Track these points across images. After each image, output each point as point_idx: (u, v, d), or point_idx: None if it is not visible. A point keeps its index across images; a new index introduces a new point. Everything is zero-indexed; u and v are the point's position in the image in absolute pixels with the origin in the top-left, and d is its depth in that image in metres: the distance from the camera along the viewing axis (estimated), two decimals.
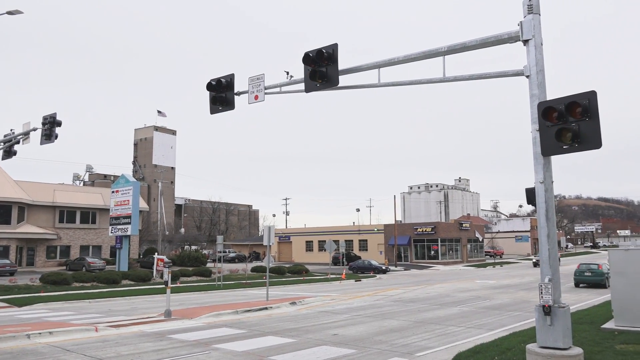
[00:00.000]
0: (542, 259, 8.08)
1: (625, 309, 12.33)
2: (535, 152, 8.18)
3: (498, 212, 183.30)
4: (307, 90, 11.12)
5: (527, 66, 8.39)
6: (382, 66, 10.39)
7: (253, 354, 10.69)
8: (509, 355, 9.44)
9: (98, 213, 53.44)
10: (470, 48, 9.27)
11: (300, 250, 77.08)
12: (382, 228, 70.55)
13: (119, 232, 39.05)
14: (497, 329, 14.05)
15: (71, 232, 51.51)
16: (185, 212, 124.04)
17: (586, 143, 7.53)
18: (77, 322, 15.44)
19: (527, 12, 8.41)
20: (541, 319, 7.90)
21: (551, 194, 8.18)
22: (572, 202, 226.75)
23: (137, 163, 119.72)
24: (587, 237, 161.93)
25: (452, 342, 11.99)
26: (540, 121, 7.92)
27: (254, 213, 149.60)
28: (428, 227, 67.43)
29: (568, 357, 7.65)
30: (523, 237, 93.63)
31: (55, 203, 50.24)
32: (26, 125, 21.44)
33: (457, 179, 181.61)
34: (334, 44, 10.70)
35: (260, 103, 12.36)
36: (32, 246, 48.72)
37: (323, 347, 11.50)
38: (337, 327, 14.57)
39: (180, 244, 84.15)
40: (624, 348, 10.02)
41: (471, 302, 21.24)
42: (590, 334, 11.58)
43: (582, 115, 7.52)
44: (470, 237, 72.49)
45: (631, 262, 12.39)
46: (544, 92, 8.26)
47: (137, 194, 39.64)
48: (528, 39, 8.36)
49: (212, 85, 12.63)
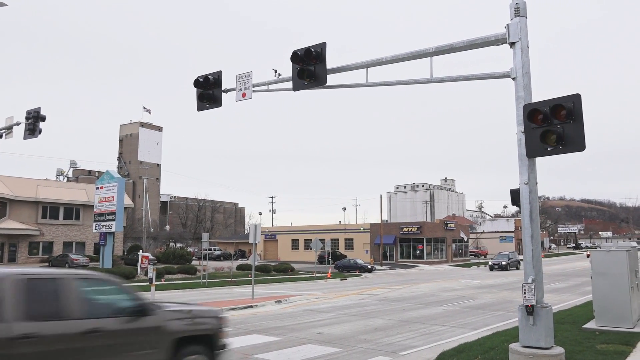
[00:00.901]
0: (526, 259, 8.17)
1: (606, 310, 12.51)
2: (520, 153, 8.26)
3: (483, 212, 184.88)
4: (295, 89, 11.11)
5: (514, 68, 8.47)
6: (370, 66, 10.42)
7: (238, 352, 10.66)
8: (492, 355, 9.54)
9: (82, 209, 52.89)
10: (457, 49, 9.33)
11: (286, 248, 77.03)
12: (368, 227, 70.77)
13: (103, 228, 38.68)
14: (480, 328, 14.18)
15: (54, 228, 50.92)
16: (170, 209, 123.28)
17: (570, 145, 7.62)
18: None
19: (514, 14, 8.48)
20: (524, 318, 7.99)
21: (535, 195, 8.28)
22: (556, 203, 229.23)
23: (122, 159, 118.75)
24: (570, 238, 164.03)
25: (436, 341, 12.07)
26: (526, 123, 8.00)
27: (240, 211, 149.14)
28: (414, 226, 67.79)
29: (550, 356, 7.75)
30: (507, 238, 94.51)
31: (38, 199, 49.62)
32: (9, 119, 21.13)
33: (443, 179, 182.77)
34: (322, 42, 10.70)
35: (248, 101, 12.33)
36: (14, 242, 48.07)
37: (308, 345, 11.52)
38: (322, 325, 14.60)
39: (165, 241, 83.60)
40: (604, 348, 10.18)
41: (455, 302, 21.41)
42: (571, 334, 11.74)
43: (567, 117, 7.61)
44: (455, 237, 73.03)
45: (612, 263, 12.57)
46: (530, 94, 8.35)
47: (122, 190, 39.29)
48: (515, 41, 8.44)
49: (200, 82, 12.56)
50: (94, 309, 6.64)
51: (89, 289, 6.91)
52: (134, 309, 6.95)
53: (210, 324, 8.00)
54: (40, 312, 6.04)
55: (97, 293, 7.03)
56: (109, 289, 7.31)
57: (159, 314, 7.26)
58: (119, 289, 7.33)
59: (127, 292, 7.31)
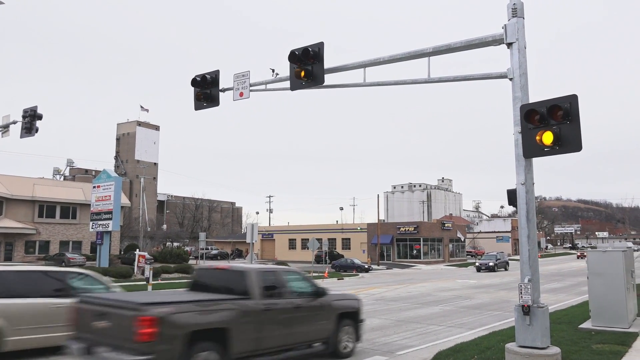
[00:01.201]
0: (522, 259, 8.19)
1: (602, 310, 12.55)
2: (517, 154, 8.28)
3: (480, 212, 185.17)
4: (292, 89, 11.10)
5: (511, 69, 8.49)
6: (367, 66, 10.42)
7: None
8: (489, 354, 9.56)
9: (79, 208, 52.74)
10: (455, 50, 9.35)
11: (283, 248, 77.01)
12: (365, 227, 70.81)
13: (100, 227, 38.60)
14: (477, 328, 14.20)
15: (51, 227, 50.77)
16: (167, 208, 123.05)
17: (567, 146, 7.64)
18: None
19: (511, 15, 8.50)
20: (520, 318, 8.01)
21: (532, 196, 8.29)
22: (553, 203, 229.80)
23: (119, 158, 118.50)
24: (566, 238, 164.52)
25: (433, 340, 12.09)
26: (523, 123, 8.01)
27: (237, 210, 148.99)
28: (411, 226, 67.85)
29: (546, 356, 7.77)
30: (504, 238, 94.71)
31: (35, 197, 49.46)
32: (6, 118, 21.08)
33: (440, 179, 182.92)
34: (320, 42, 10.70)
35: (246, 100, 12.32)
36: (10, 241, 47.92)
37: None
38: None
39: (162, 240, 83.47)
40: (600, 347, 10.21)
41: (452, 302, 21.44)
42: (568, 334, 11.77)
43: (564, 118, 7.63)
44: (452, 237, 73.12)
45: (608, 263, 12.60)
46: (527, 94, 8.37)
47: (118, 189, 39.21)
48: (512, 41, 8.45)
49: (197, 81, 12.54)
50: (295, 292, 9.79)
51: (290, 278, 10.08)
52: (315, 291, 10.13)
53: (355, 305, 11.00)
54: (270, 293, 9.17)
55: (294, 281, 10.12)
56: (298, 277, 10.45)
57: (330, 295, 10.36)
58: (304, 279, 10.54)
59: (309, 280, 10.61)
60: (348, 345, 10.42)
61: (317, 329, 9.87)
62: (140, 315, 6.99)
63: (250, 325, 8.42)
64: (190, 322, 7.46)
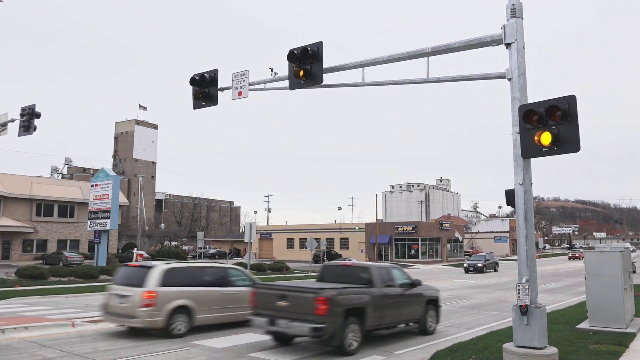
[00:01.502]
0: (520, 259, 8.21)
1: (599, 310, 12.58)
2: (516, 154, 8.29)
3: (478, 212, 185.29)
4: (291, 88, 11.10)
5: (509, 69, 8.50)
6: (366, 65, 10.42)
7: (233, 351, 10.66)
8: (486, 354, 9.56)
9: (76, 207, 52.71)
10: (453, 50, 9.35)
11: (281, 247, 76.99)
12: (363, 226, 70.84)
13: (98, 226, 38.54)
14: (475, 327, 14.22)
15: (48, 226, 50.72)
16: (165, 207, 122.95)
17: (565, 146, 7.65)
18: (54, 317, 15.22)
19: (510, 15, 8.51)
20: (518, 318, 8.02)
21: (530, 196, 8.31)
22: (551, 204, 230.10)
23: (118, 157, 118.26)
24: (564, 239, 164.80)
25: (430, 340, 12.10)
26: (521, 124, 8.03)
27: (236, 209, 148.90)
28: (409, 226, 67.89)
29: (543, 356, 7.78)
30: (502, 238, 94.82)
31: (33, 196, 49.40)
32: (3, 116, 21.03)
33: (438, 179, 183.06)
34: (318, 42, 10.70)
35: (244, 99, 12.33)
36: (7, 239, 47.86)
37: (302, 344, 11.52)
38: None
39: (160, 239, 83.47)
40: (597, 348, 10.23)
41: (450, 302, 21.45)
42: (565, 334, 11.78)
43: (562, 118, 7.64)
44: (450, 237, 73.20)
45: (606, 263, 12.62)
46: (525, 95, 8.38)
47: (116, 188, 39.15)
48: (510, 42, 8.47)
49: (196, 80, 12.53)
50: (399, 283, 12.48)
51: (396, 273, 12.81)
52: (412, 282, 12.93)
53: (436, 294, 13.79)
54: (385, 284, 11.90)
55: (398, 275, 12.84)
56: (401, 272, 13.15)
57: (422, 285, 13.30)
58: (402, 272, 13.24)
59: (405, 273, 13.34)
60: (432, 325, 13.25)
61: (413, 311, 12.62)
62: (318, 296, 9.96)
63: (375, 306, 11.16)
64: (345, 302, 10.42)
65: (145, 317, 11.70)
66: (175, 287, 12.34)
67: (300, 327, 9.98)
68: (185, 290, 12.46)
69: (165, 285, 12.15)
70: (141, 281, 12.06)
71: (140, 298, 11.75)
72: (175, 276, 12.61)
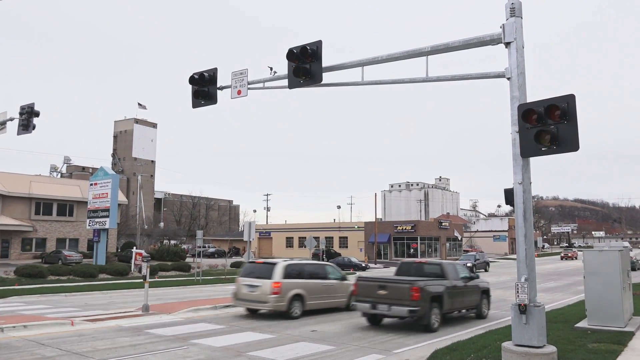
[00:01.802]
0: (519, 258, 8.22)
1: (598, 309, 12.60)
2: (515, 153, 8.30)
3: (477, 211, 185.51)
4: (290, 87, 11.10)
5: (509, 68, 8.50)
6: (366, 64, 10.42)
7: (232, 350, 10.67)
8: (485, 353, 9.58)
9: (75, 205, 52.67)
10: (453, 49, 9.35)
11: (280, 246, 77.02)
12: (362, 225, 70.87)
13: (97, 225, 38.54)
14: (474, 327, 14.23)
15: (47, 225, 50.69)
16: (164, 206, 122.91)
17: (564, 145, 7.65)
18: (53, 315, 15.23)
19: (509, 14, 8.51)
20: (517, 317, 8.03)
21: (529, 195, 8.32)
22: (550, 203, 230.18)
23: (117, 156, 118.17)
24: (563, 238, 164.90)
25: (429, 339, 12.12)
26: (520, 123, 8.03)
27: (235, 208, 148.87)
28: (408, 225, 67.94)
29: (542, 355, 7.80)
30: (501, 237, 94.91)
31: (32, 194, 49.37)
32: (3, 114, 20.99)
33: (437, 178, 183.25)
34: (318, 40, 10.69)
35: (244, 98, 12.32)
36: (6, 238, 47.84)
37: (302, 343, 11.53)
38: (316, 323, 14.61)
39: (159, 238, 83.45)
40: (596, 347, 10.25)
41: None
42: (564, 333, 11.81)
43: (561, 118, 7.64)
44: (450, 236, 73.27)
45: (605, 262, 12.64)
46: (525, 94, 8.38)
47: (116, 187, 39.15)
48: (510, 41, 8.47)
49: (195, 79, 12.52)
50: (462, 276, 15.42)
51: (459, 268, 15.78)
52: (471, 276, 15.97)
53: (488, 286, 16.91)
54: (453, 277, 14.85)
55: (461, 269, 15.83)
56: (462, 267, 16.21)
57: (478, 278, 16.55)
58: (466, 268, 16.77)
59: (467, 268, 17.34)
60: (485, 311, 16.41)
61: (472, 299, 15.61)
62: (413, 286, 13.13)
63: (449, 294, 14.12)
64: (431, 291, 13.49)
65: (273, 302, 14.96)
66: (293, 279, 15.57)
67: (399, 310, 12.96)
68: (299, 282, 15.73)
69: (286, 277, 15.36)
70: (269, 274, 15.24)
71: (270, 287, 14.97)
72: (292, 270, 15.78)
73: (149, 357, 9.89)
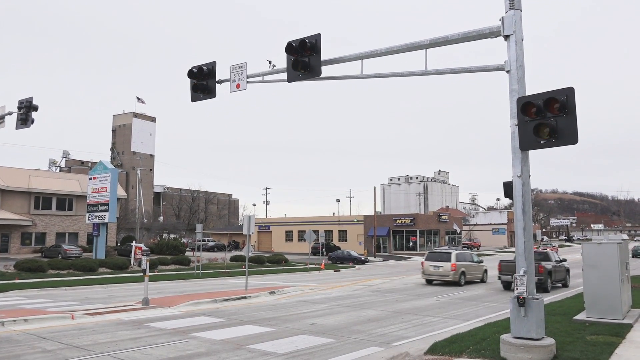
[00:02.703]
0: (518, 251, 8.24)
1: (596, 301, 12.64)
2: (514, 146, 8.31)
3: (476, 204, 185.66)
4: (289, 80, 11.08)
5: (508, 61, 8.49)
6: (364, 57, 10.40)
7: (231, 343, 10.71)
8: (484, 345, 9.62)
9: (75, 200, 52.66)
10: (452, 42, 9.34)
11: (279, 240, 77.10)
12: (361, 219, 70.93)
13: (97, 219, 38.57)
14: (472, 319, 14.29)
15: (47, 219, 50.69)
16: (164, 200, 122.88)
17: (563, 138, 7.67)
18: (53, 309, 15.27)
19: (508, 7, 8.49)
20: (515, 310, 8.07)
21: (528, 188, 8.33)
22: (549, 196, 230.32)
23: (115, 150, 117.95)
24: (562, 231, 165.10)
25: (429, 332, 12.16)
26: (519, 116, 8.03)
27: (234, 202, 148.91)
28: (407, 218, 68.03)
29: (541, 347, 7.84)
30: (500, 230, 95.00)
31: (31, 189, 49.33)
32: (1, 109, 20.95)
33: (436, 172, 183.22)
34: (317, 34, 10.67)
35: (242, 92, 12.30)
36: (6, 232, 47.85)
37: (301, 336, 11.57)
38: (315, 316, 14.67)
39: (158, 232, 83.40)
40: (594, 339, 10.30)
41: (448, 293, 21.55)
42: (562, 325, 11.86)
43: (560, 111, 7.65)
44: (449, 229, 73.38)
45: (603, 255, 12.68)
46: (524, 87, 8.38)
47: (115, 181, 39.14)
48: (509, 34, 8.45)
49: (194, 72, 12.50)
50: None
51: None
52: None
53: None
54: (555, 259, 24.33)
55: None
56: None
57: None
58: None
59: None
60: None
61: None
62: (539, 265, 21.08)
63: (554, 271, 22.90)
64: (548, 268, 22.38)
65: (452, 276, 24.68)
66: (460, 262, 25.26)
67: None
68: (463, 263, 25.53)
69: (457, 260, 25.09)
70: (448, 258, 25.02)
71: (450, 267, 24.73)
72: (459, 256, 25.65)
73: (150, 351, 9.93)
